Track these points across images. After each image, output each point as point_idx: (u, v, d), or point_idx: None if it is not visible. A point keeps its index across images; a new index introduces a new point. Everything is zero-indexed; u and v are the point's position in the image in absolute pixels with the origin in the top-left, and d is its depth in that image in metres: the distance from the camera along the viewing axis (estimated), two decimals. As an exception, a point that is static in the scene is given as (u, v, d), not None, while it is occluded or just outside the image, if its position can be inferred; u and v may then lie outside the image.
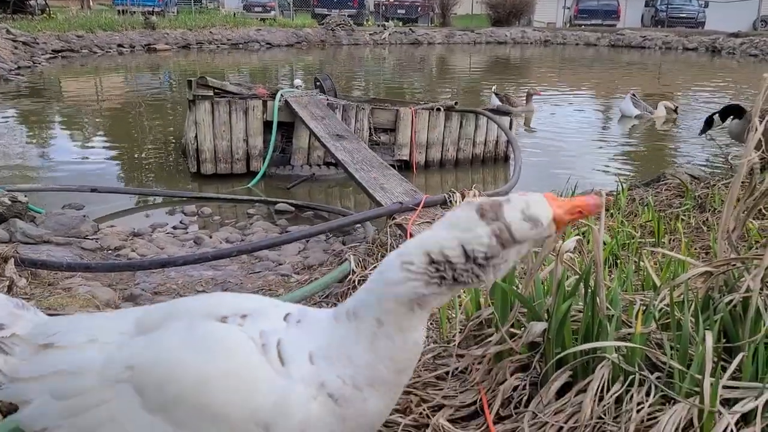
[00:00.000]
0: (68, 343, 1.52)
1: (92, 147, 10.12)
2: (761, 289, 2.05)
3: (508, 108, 12.42)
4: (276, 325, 1.42)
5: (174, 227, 6.15)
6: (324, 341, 1.36)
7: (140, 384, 1.39)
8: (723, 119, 5.56)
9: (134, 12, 29.97)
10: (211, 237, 5.72)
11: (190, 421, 1.33)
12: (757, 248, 3.16)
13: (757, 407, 1.81)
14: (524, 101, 12.80)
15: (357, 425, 1.37)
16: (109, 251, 5.10)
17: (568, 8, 40.07)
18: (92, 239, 5.24)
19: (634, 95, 12.59)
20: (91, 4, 35.87)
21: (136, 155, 9.57)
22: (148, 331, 1.49)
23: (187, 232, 5.98)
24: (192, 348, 1.38)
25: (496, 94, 12.93)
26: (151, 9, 30.72)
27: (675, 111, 12.31)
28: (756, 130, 2.05)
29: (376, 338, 1.33)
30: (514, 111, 12.53)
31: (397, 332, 1.33)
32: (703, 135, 5.90)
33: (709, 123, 5.66)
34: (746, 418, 1.85)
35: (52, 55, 21.53)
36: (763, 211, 3.82)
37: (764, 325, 2.00)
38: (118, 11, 30.31)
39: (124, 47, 24.52)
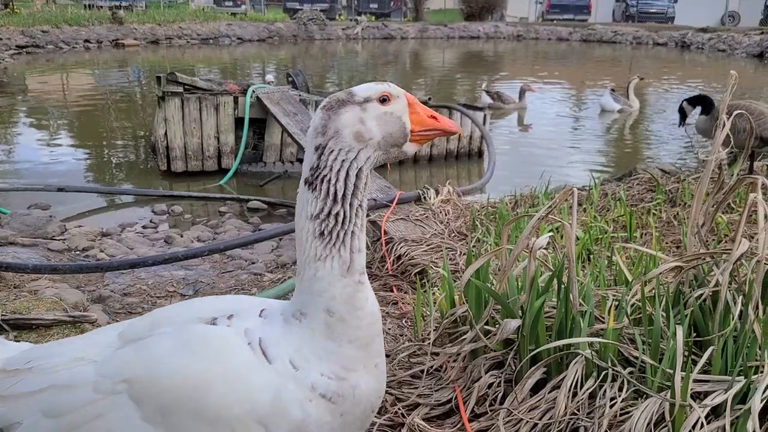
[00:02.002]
0: (54, 363, 1.48)
1: (59, 145, 9.90)
2: (730, 283, 2.08)
3: (501, 105, 12.35)
4: (255, 321, 1.43)
5: (144, 226, 6.05)
6: (295, 344, 1.37)
7: (137, 395, 1.37)
8: (693, 105, 5.56)
9: (101, 6, 29.44)
10: (182, 236, 5.63)
11: (190, 426, 1.32)
12: (726, 242, 3.21)
13: (726, 400, 1.83)
14: (516, 98, 12.55)
15: (354, 417, 1.39)
16: (77, 252, 4.99)
17: (540, 3, 40.37)
18: (59, 240, 5.12)
19: (613, 90, 12.73)
20: (56, -2, 35.06)
21: (104, 153, 9.40)
22: (134, 341, 1.46)
23: (157, 232, 5.88)
24: (185, 352, 1.37)
25: (487, 92, 12.68)
26: (118, 3, 30.16)
27: (641, 79, 12.79)
28: (723, 126, 2.07)
29: (330, 327, 1.36)
30: (507, 108, 12.42)
31: (350, 312, 1.36)
32: (683, 126, 5.92)
33: (683, 113, 5.68)
34: (716, 411, 1.87)
35: (16, 51, 21.04)
36: (732, 205, 3.88)
37: (733, 318, 2.02)
38: (85, 6, 29.76)
39: (90, 42, 24.06)
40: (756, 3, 36.81)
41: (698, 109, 5.48)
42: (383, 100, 1.38)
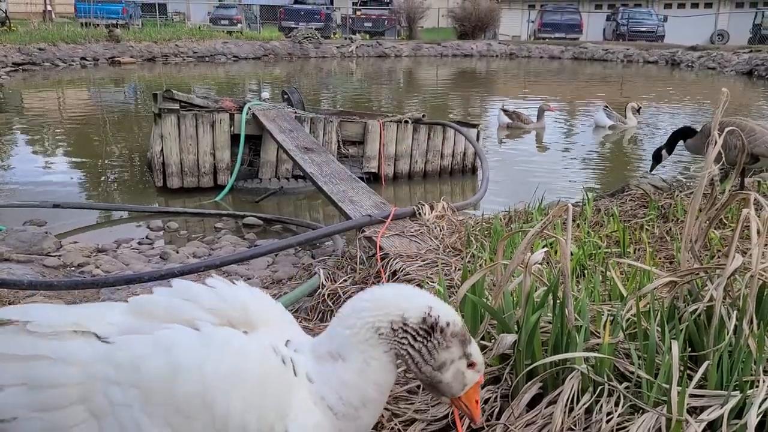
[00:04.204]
0: (48, 328, 1.38)
1: (55, 162, 9.91)
2: (724, 298, 2.09)
3: (520, 125, 12.25)
4: (279, 344, 1.50)
5: (140, 242, 6.04)
6: (319, 368, 1.48)
7: (149, 391, 1.31)
8: (671, 151, 5.44)
9: (97, 24, 29.56)
10: (177, 252, 5.63)
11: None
12: (719, 257, 3.23)
13: (722, 415, 1.84)
14: (535, 118, 12.36)
15: None
16: (73, 268, 4.98)
17: (532, 22, 40.83)
18: (54, 256, 5.11)
19: (606, 107, 12.79)
20: (53, 16, 35.24)
21: (100, 170, 9.40)
22: (146, 324, 1.40)
23: (153, 248, 5.87)
24: (215, 355, 1.37)
25: (505, 111, 12.46)
26: (115, 21, 30.33)
27: (638, 111, 12.78)
28: (715, 143, 2.10)
29: (365, 372, 1.48)
30: (527, 128, 12.22)
31: (386, 366, 1.51)
32: (653, 172, 5.74)
33: (657, 158, 5.53)
34: (713, 426, 1.88)
35: (12, 69, 21.08)
36: (724, 220, 3.91)
37: (728, 333, 2.04)
38: (81, 24, 29.88)
39: (87, 60, 24.13)
40: (744, 22, 37.36)
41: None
42: (470, 365, 1.57)
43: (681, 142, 5.32)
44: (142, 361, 1.33)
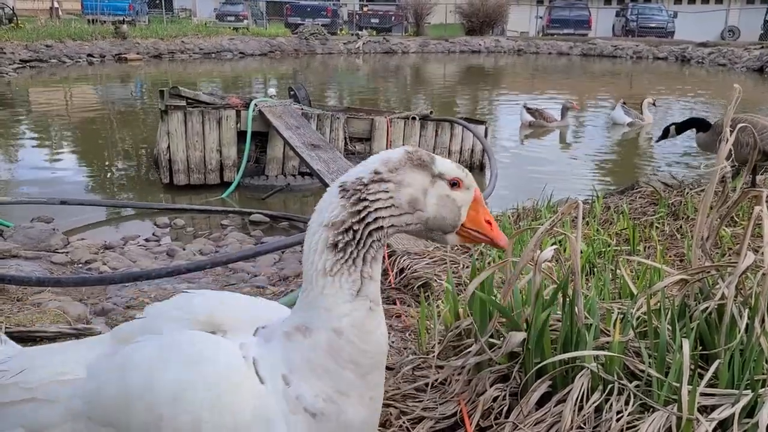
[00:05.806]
0: (36, 383, 1.39)
1: (62, 159, 9.94)
2: (736, 296, 2.07)
3: (543, 123, 11.99)
4: (249, 339, 1.37)
5: (146, 239, 6.05)
6: (292, 361, 1.31)
7: (114, 421, 1.30)
8: (679, 132, 5.52)
9: (104, 21, 29.61)
10: (184, 249, 5.64)
11: None
12: (730, 255, 3.20)
13: (733, 414, 1.82)
14: (558, 116, 12.14)
15: None
16: (80, 265, 4.99)
17: (541, 18, 40.63)
18: (62, 253, 5.13)
19: (624, 103, 12.71)
20: (60, 13, 35.32)
21: (107, 167, 9.43)
22: (123, 343, 1.39)
23: (159, 244, 5.88)
24: (168, 359, 1.30)
25: (527, 109, 12.27)
26: (121, 18, 30.35)
27: (654, 104, 12.78)
28: (727, 140, 2.07)
29: (335, 348, 1.29)
30: (549, 126, 11.99)
31: (359, 335, 1.30)
32: (659, 142, 5.94)
33: (666, 133, 5.65)
34: (723, 425, 1.86)
35: (20, 65, 21.16)
36: (735, 218, 3.88)
37: (739, 332, 2.02)
38: (88, 20, 29.93)
39: (94, 57, 24.21)
40: (756, 18, 37.06)
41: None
42: (454, 184, 1.36)
43: (693, 132, 5.30)
44: (99, 390, 1.32)
